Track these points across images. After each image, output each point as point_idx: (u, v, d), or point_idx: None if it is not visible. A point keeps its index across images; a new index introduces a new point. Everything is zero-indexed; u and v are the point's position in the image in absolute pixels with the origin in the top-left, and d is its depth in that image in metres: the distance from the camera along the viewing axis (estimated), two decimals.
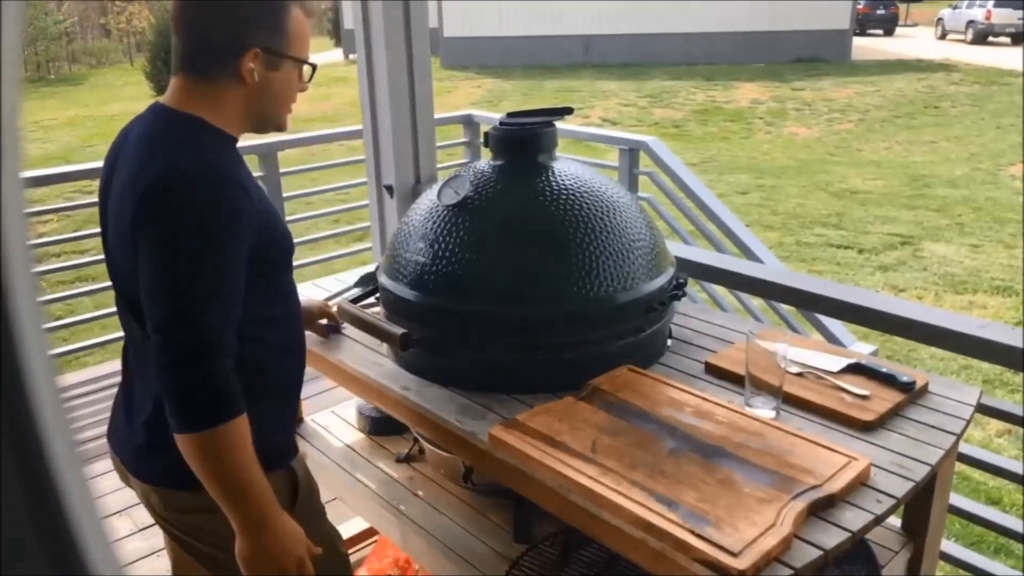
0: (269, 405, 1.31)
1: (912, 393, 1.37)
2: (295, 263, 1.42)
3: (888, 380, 1.40)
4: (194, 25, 1.20)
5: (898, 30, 24.08)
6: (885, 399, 1.35)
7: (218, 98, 1.21)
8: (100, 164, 1.32)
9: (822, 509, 1.07)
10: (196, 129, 1.19)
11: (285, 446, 1.38)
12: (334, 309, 1.73)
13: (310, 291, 1.99)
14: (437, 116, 2.83)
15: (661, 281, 1.50)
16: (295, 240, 1.41)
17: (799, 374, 1.43)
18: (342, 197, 5.79)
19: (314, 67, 1.28)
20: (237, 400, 1.12)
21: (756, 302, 3.62)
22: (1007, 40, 20.24)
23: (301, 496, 1.35)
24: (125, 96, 17.73)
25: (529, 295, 1.41)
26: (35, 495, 0.32)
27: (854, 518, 1.06)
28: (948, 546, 1.86)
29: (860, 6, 21.45)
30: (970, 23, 20.86)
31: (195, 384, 1.10)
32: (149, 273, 1.11)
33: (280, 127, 1.30)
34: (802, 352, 1.50)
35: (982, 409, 1.55)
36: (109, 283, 1.29)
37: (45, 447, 0.32)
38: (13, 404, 0.31)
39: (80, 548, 0.33)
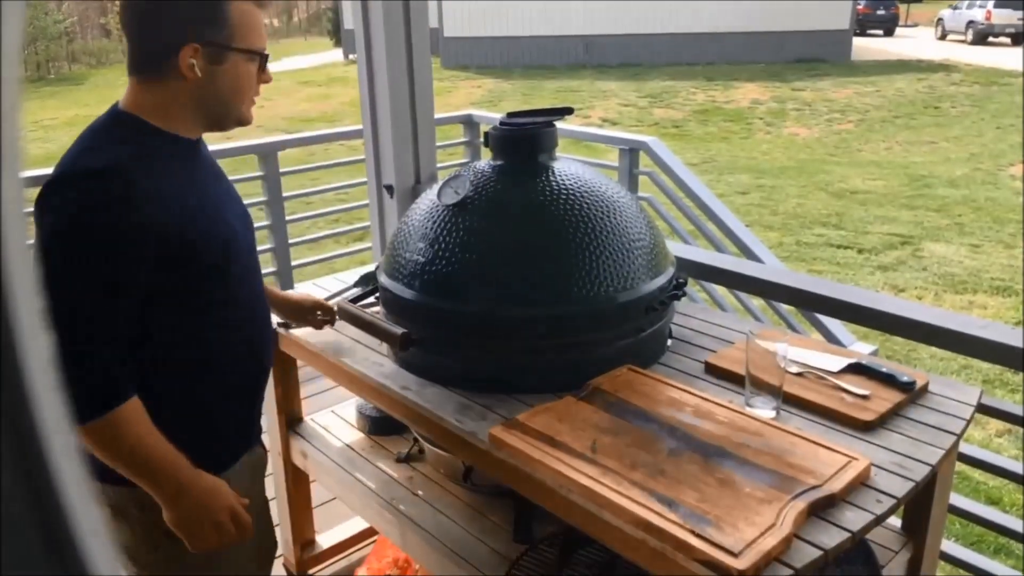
0: (196, 412, 1.28)
1: (912, 393, 1.37)
2: (297, 263, 1.43)
3: (888, 380, 1.40)
4: (134, 25, 1.19)
5: (898, 30, 24.06)
6: (885, 399, 1.35)
7: (164, 97, 1.19)
8: None
9: (822, 509, 1.07)
10: (125, 129, 1.18)
11: (208, 461, 1.29)
12: (325, 299, 1.73)
13: (310, 291, 1.99)
14: (437, 116, 2.84)
15: (661, 281, 1.50)
16: (294, 240, 1.42)
17: (799, 374, 1.43)
18: (342, 197, 5.79)
19: (266, 57, 1.25)
20: (118, 389, 1.12)
21: (756, 302, 3.62)
22: (1007, 40, 20.23)
23: None
24: None
25: (529, 295, 1.41)
26: (34, 494, 0.32)
27: (854, 518, 1.06)
28: (948, 546, 1.86)
29: (860, 6, 21.43)
30: (970, 23, 20.85)
31: (72, 380, 1.09)
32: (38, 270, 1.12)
33: (241, 121, 1.27)
34: (802, 352, 1.50)
35: (982, 409, 1.55)
36: None
37: (45, 447, 0.32)
38: (13, 404, 0.31)
39: (79, 548, 0.33)
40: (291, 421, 1.98)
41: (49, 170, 1.16)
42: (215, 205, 1.28)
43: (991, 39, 20.45)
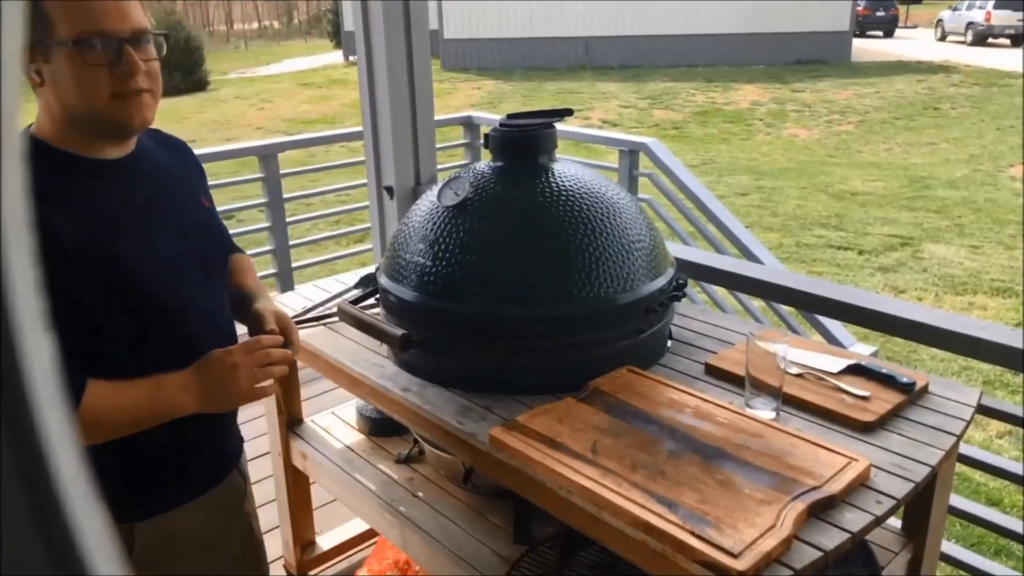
0: (118, 453, 1.13)
1: (912, 394, 1.37)
2: (297, 264, 1.38)
3: (888, 381, 1.40)
4: None
5: (898, 32, 24.08)
6: (885, 400, 1.34)
7: (44, 112, 1.09)
8: None
9: (822, 510, 1.07)
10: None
11: (136, 500, 1.18)
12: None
13: (310, 292, 1.99)
14: (437, 118, 2.84)
15: (661, 282, 1.50)
16: (295, 242, 1.38)
17: (799, 375, 1.43)
18: (342, 198, 5.80)
19: (97, 40, 1.03)
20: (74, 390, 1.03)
21: (756, 303, 3.62)
22: (1007, 42, 20.25)
23: (134, 562, 1.16)
24: None
25: (529, 296, 1.41)
26: (35, 495, 0.32)
27: (854, 519, 1.06)
28: (948, 547, 1.86)
29: (860, 8, 21.45)
30: (970, 25, 20.87)
31: None
32: None
33: (111, 121, 1.08)
34: (802, 353, 1.50)
35: (982, 410, 1.55)
36: None
37: (45, 447, 0.33)
38: (13, 404, 0.31)
39: (80, 548, 0.34)
40: (291, 422, 1.98)
41: None
42: (127, 229, 1.12)
43: (991, 40, 20.47)
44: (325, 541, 2.15)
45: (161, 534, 1.19)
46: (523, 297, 1.41)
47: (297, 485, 2.02)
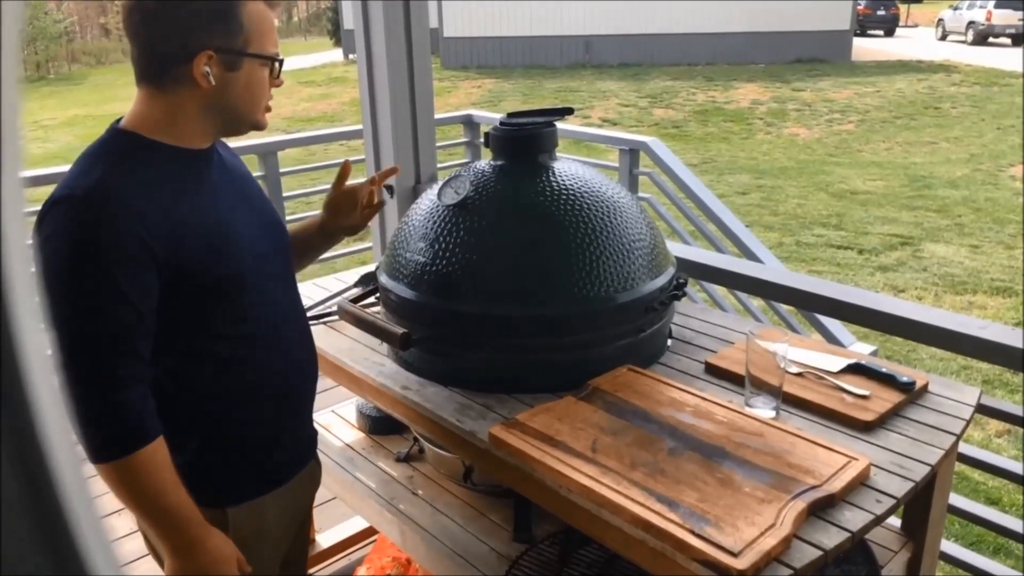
0: (211, 443, 1.22)
1: (912, 393, 1.37)
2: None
3: (888, 380, 1.40)
4: (142, 32, 1.10)
5: (898, 31, 24.06)
6: (885, 399, 1.35)
7: (172, 107, 1.13)
8: None
9: (822, 509, 1.07)
10: (119, 148, 1.12)
11: (229, 486, 1.26)
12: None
13: (310, 291, 1.99)
14: (437, 116, 2.84)
15: (661, 281, 1.50)
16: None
17: (799, 374, 1.43)
18: None
19: (281, 61, 1.19)
20: (145, 428, 1.07)
21: (756, 302, 3.62)
22: (1007, 41, 20.23)
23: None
24: (125, 96, 17.69)
25: (529, 295, 1.41)
26: (34, 495, 0.32)
27: (854, 518, 1.06)
28: (947, 546, 1.86)
29: (860, 7, 21.43)
30: (970, 24, 20.85)
31: (93, 419, 1.05)
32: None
33: (257, 126, 1.22)
34: (802, 352, 1.50)
35: (982, 409, 1.55)
36: None
37: (44, 447, 0.32)
38: (13, 404, 0.31)
39: (79, 548, 0.34)
40: None
41: (49, 170, 1.15)
42: (225, 217, 1.20)
43: (991, 40, 20.45)
44: (325, 539, 2.15)
45: (252, 519, 1.26)
46: (523, 296, 1.41)
47: None
